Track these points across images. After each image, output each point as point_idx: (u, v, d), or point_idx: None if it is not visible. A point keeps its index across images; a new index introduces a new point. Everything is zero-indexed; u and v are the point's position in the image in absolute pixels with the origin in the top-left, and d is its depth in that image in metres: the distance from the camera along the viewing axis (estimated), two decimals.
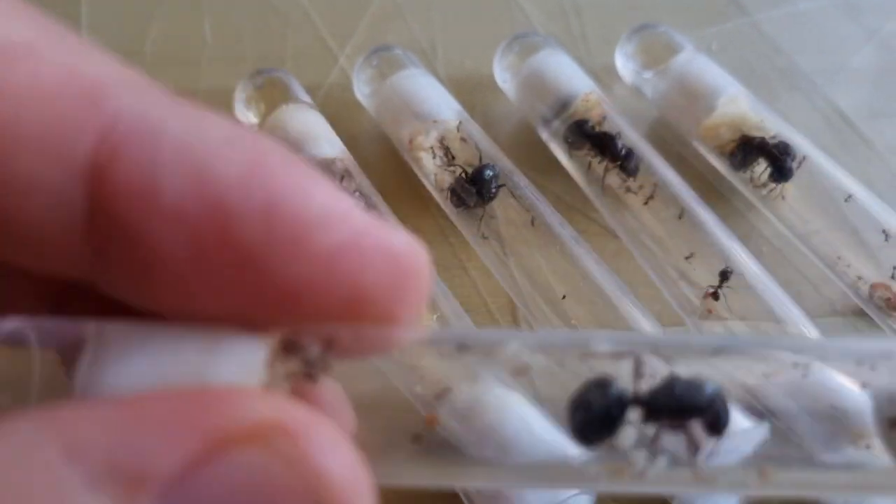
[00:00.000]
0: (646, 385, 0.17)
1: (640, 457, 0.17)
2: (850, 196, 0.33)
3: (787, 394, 0.27)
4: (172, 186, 0.14)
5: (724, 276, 0.31)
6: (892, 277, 0.32)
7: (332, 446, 0.14)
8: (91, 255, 0.15)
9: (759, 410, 0.28)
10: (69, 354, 0.16)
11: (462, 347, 0.17)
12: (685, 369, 0.17)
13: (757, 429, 0.27)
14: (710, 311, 0.31)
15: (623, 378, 0.16)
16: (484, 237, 0.32)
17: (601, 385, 0.16)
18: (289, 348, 0.16)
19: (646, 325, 0.29)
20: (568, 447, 0.25)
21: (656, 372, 0.17)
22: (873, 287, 0.32)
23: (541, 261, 0.32)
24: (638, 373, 0.17)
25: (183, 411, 0.14)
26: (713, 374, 0.18)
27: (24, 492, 0.12)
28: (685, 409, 0.17)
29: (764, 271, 0.31)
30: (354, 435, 0.16)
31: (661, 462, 0.17)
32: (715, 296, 0.31)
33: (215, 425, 0.13)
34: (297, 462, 0.14)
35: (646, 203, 0.32)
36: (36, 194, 0.14)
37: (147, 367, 0.15)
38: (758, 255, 0.32)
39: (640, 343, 0.18)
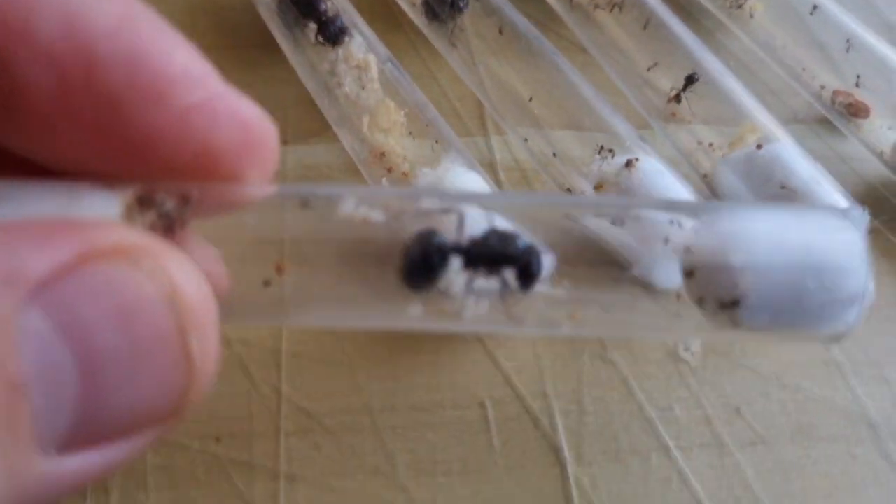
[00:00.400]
0: (466, 237, 0.18)
1: (458, 300, 0.19)
2: (815, 7, 0.33)
3: (738, 172, 0.28)
4: (46, 28, 0.15)
5: (690, 80, 0.32)
6: (856, 85, 0.33)
7: (186, 268, 0.16)
8: None
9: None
10: None
11: (304, 203, 0.19)
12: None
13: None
14: (673, 115, 0.32)
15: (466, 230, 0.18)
16: (453, 45, 0.33)
17: (427, 235, 0.18)
18: (144, 202, 0.17)
19: (614, 122, 0.30)
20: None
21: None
22: (835, 94, 0.33)
23: (509, 68, 0.32)
24: (460, 226, 0.19)
25: (53, 230, 0.15)
26: None
27: None
28: (499, 258, 0.18)
29: (730, 75, 0.31)
30: (228, 288, 0.18)
31: (478, 304, 0.19)
32: (677, 98, 0.32)
33: (84, 241, 0.15)
34: (158, 275, 0.15)
35: (611, 11, 0.33)
36: None
37: (10, 216, 0.16)
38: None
39: (464, 199, 0.19)
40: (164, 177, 0.17)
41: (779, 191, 0.27)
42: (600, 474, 0.25)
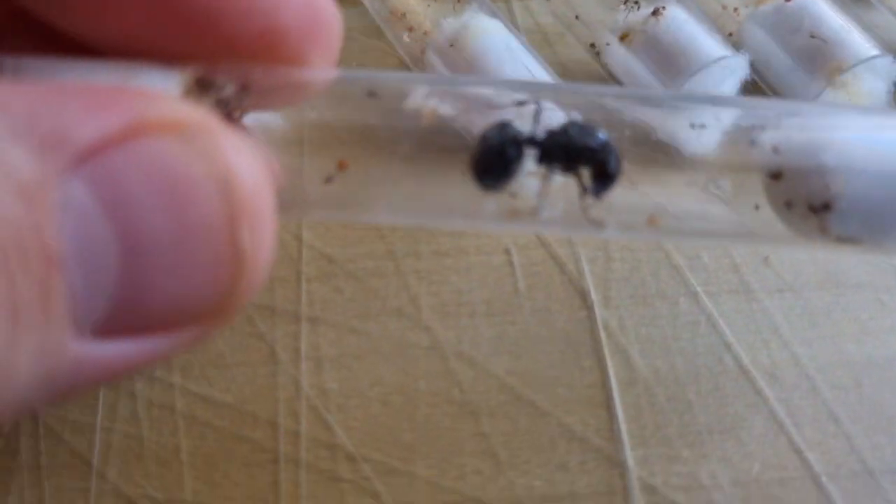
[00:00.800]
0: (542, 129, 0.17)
1: (534, 199, 0.18)
2: None
3: (766, 26, 0.28)
4: None
5: None
6: None
7: (243, 151, 0.14)
8: None
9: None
10: None
11: (371, 93, 0.18)
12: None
13: (737, 58, 0.27)
14: None
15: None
16: None
17: (501, 126, 0.17)
18: (203, 85, 0.16)
19: None
20: (541, 74, 0.25)
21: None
22: None
23: None
24: (537, 116, 0.17)
25: (106, 96, 0.13)
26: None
27: None
28: (577, 150, 0.17)
29: None
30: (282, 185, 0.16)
31: (554, 204, 0.18)
32: None
33: (137, 111, 0.13)
34: (211, 155, 0.14)
35: None
36: None
37: None
38: None
39: (542, 90, 0.18)
40: (224, 58, 0.16)
41: (809, 41, 0.27)
42: (628, 317, 0.25)
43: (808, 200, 0.18)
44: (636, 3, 0.28)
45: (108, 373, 0.14)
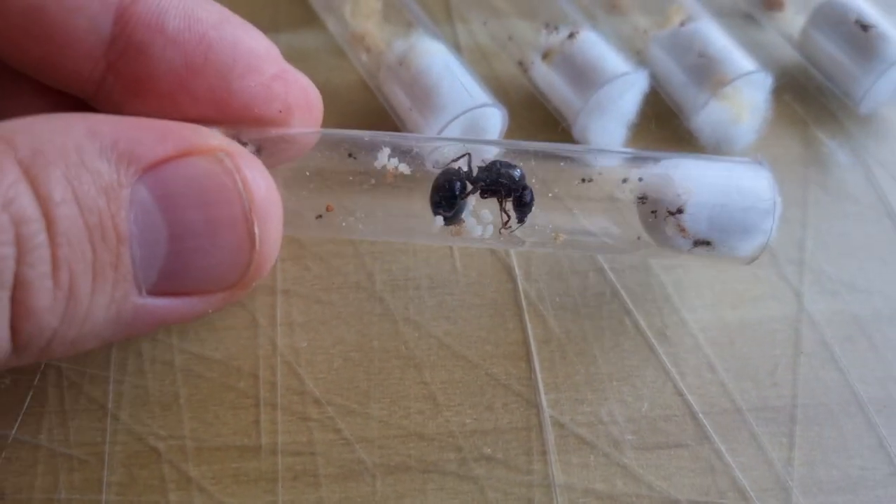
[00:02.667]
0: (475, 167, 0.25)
1: (471, 223, 0.25)
2: None
3: (664, 47, 0.33)
4: (173, 21, 0.21)
5: None
6: None
7: (262, 173, 0.20)
8: (104, 69, 0.21)
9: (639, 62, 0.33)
10: None
11: (350, 155, 0.25)
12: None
13: (638, 74, 0.33)
14: (614, 7, 0.37)
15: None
16: None
17: (449, 170, 0.25)
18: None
19: (563, 8, 0.35)
20: (479, 93, 0.31)
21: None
22: None
23: None
24: (470, 162, 0.25)
25: (165, 129, 0.19)
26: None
27: (61, 148, 0.18)
28: (500, 180, 0.24)
29: None
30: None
31: (486, 228, 0.25)
32: None
33: (186, 140, 0.19)
34: (235, 172, 0.20)
35: None
36: (80, 13, 0.20)
37: None
38: None
39: (472, 144, 0.26)
40: (246, 124, 0.23)
41: (698, 59, 0.32)
42: (546, 288, 0.30)
43: (667, 207, 0.25)
44: (556, 27, 0.33)
45: (158, 320, 0.21)
